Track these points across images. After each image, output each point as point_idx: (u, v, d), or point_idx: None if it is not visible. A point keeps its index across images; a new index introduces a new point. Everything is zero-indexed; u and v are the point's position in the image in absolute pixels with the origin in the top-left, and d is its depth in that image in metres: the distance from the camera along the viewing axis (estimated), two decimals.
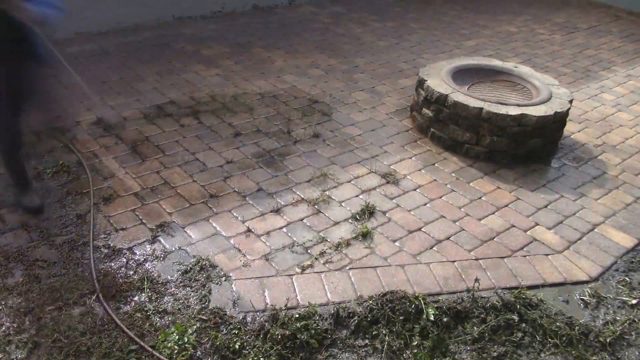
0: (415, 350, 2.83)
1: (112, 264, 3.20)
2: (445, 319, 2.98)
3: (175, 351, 2.69)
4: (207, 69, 5.76)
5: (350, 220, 3.73)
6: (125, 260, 3.24)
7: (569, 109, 4.66)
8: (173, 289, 3.07)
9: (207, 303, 2.99)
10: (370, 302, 3.05)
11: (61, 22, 2.91)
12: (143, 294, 3.01)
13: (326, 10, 8.03)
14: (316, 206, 3.84)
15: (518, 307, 3.10)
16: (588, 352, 2.92)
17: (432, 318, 2.96)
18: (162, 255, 3.30)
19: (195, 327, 2.83)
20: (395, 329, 2.92)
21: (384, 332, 2.90)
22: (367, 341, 2.88)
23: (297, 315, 2.92)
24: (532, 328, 3.00)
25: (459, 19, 8.13)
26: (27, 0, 2.78)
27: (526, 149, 4.51)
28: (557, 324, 3.04)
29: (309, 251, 3.43)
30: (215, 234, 3.51)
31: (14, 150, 3.33)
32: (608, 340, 2.99)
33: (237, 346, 2.74)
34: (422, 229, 3.72)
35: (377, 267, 3.36)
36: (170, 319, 2.88)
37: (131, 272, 3.16)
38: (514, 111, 4.38)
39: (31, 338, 2.71)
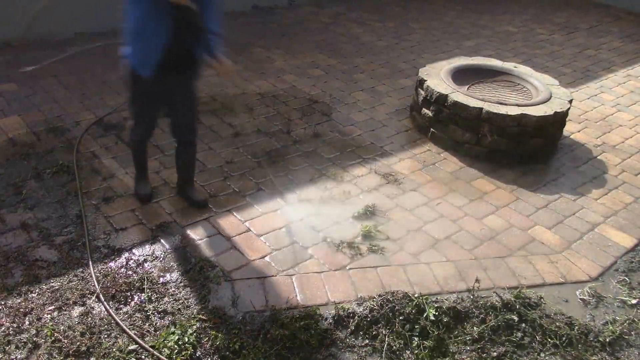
0: (416, 351, 2.83)
1: (112, 264, 3.20)
2: (445, 319, 2.98)
3: (175, 351, 2.69)
4: (206, 69, 5.75)
5: (350, 220, 3.73)
6: (125, 260, 3.24)
7: (569, 109, 4.66)
8: (173, 289, 3.07)
9: (207, 303, 2.99)
10: (370, 302, 3.05)
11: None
12: (143, 294, 3.01)
13: (326, 10, 8.03)
14: (316, 206, 3.83)
15: (518, 307, 3.10)
16: (588, 352, 2.92)
17: (432, 318, 2.96)
18: (162, 255, 3.30)
19: (195, 327, 2.82)
20: (395, 329, 2.92)
21: (384, 332, 2.90)
22: (367, 341, 2.88)
23: (297, 315, 2.92)
24: (532, 328, 3.01)
25: (459, 19, 8.14)
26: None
27: (526, 149, 4.51)
28: (557, 324, 3.04)
29: (309, 251, 3.43)
30: (215, 234, 3.51)
31: (146, 142, 3.63)
32: (607, 340, 2.99)
33: (237, 346, 2.74)
34: (422, 229, 3.72)
35: (377, 267, 3.36)
36: (170, 319, 2.88)
37: (131, 272, 3.16)
38: (513, 111, 4.38)
39: (31, 338, 2.71)
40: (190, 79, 3.37)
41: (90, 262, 3.17)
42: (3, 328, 2.75)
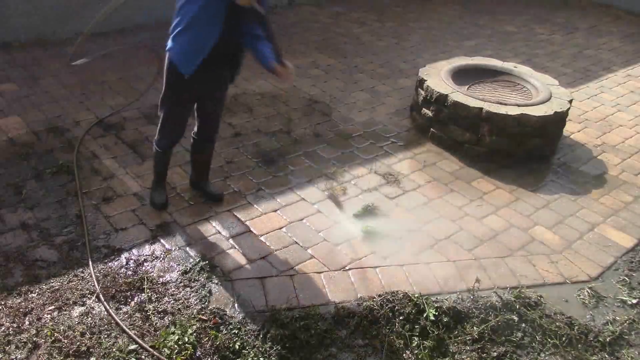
0: (416, 351, 2.83)
1: (112, 264, 3.20)
2: (445, 319, 2.98)
3: (175, 351, 2.69)
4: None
5: (350, 220, 3.73)
6: (125, 260, 3.24)
7: (569, 109, 4.66)
8: (173, 289, 3.07)
9: (207, 303, 2.99)
10: (370, 302, 3.05)
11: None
12: (143, 294, 3.01)
13: (326, 10, 8.03)
14: (316, 206, 3.83)
15: (518, 307, 3.10)
16: (588, 352, 2.92)
17: (432, 318, 2.96)
18: (162, 255, 3.30)
19: (195, 327, 2.82)
20: (395, 329, 2.92)
21: (383, 332, 2.90)
22: (367, 341, 2.88)
23: (297, 315, 2.92)
24: (532, 328, 3.01)
25: (459, 19, 8.14)
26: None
27: (526, 149, 4.51)
28: (557, 324, 3.04)
29: (309, 251, 3.43)
30: (216, 234, 3.51)
31: (172, 149, 3.57)
32: (607, 340, 2.99)
33: (237, 346, 2.74)
34: (422, 229, 3.72)
35: (377, 267, 3.36)
36: (170, 319, 2.88)
37: (131, 272, 3.16)
38: (514, 111, 4.38)
39: (31, 338, 2.71)
40: (229, 77, 3.33)
41: (90, 262, 3.17)
42: (3, 328, 2.75)
